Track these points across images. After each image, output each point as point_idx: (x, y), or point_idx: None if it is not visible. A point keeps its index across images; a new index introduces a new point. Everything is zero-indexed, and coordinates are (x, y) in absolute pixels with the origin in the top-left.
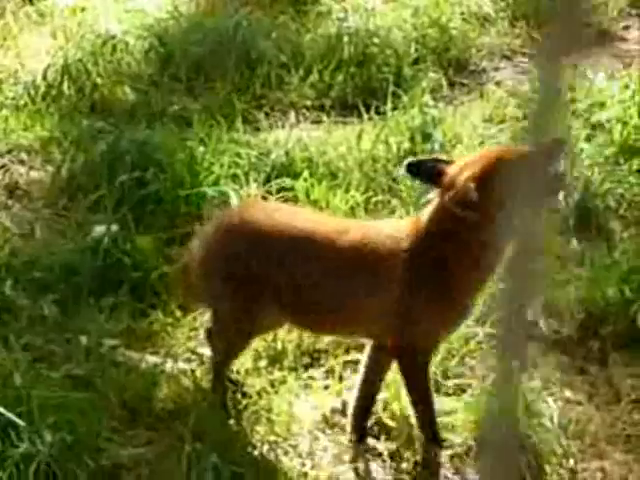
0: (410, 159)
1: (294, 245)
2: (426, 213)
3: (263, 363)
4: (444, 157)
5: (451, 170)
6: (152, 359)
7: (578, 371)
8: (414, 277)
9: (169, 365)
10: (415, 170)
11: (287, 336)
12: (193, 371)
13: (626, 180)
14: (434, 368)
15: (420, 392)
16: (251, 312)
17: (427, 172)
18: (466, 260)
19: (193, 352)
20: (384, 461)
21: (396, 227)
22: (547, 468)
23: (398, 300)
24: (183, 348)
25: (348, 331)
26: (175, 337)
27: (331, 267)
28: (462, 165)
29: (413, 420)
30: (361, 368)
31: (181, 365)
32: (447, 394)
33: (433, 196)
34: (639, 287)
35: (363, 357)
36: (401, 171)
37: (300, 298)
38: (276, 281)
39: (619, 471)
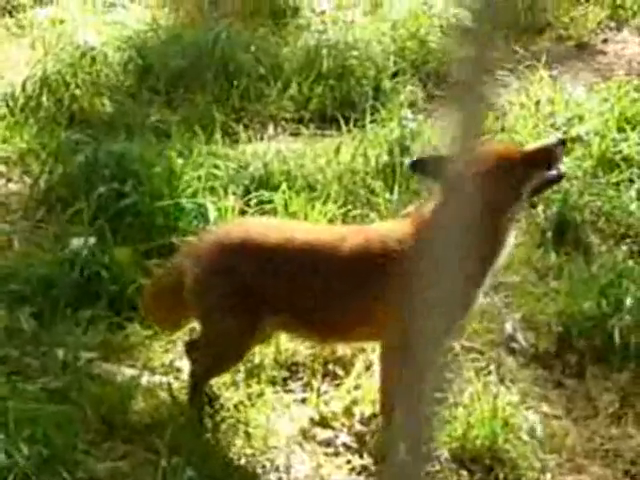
0: (415, 157)
1: (296, 257)
2: (428, 210)
3: (240, 376)
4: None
5: (457, 166)
6: (129, 372)
7: (555, 385)
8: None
9: (146, 378)
10: (421, 168)
11: (265, 349)
12: (170, 384)
13: (604, 193)
14: None
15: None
16: (252, 326)
17: (433, 169)
18: (467, 256)
19: (170, 365)
20: (361, 475)
21: (394, 228)
22: None
23: (401, 300)
24: (160, 361)
25: (354, 336)
26: (152, 350)
27: (334, 274)
28: (469, 160)
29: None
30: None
31: (158, 378)
32: None
33: (410, 210)
34: (616, 301)
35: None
36: (408, 168)
37: (304, 308)
38: (280, 294)
39: None
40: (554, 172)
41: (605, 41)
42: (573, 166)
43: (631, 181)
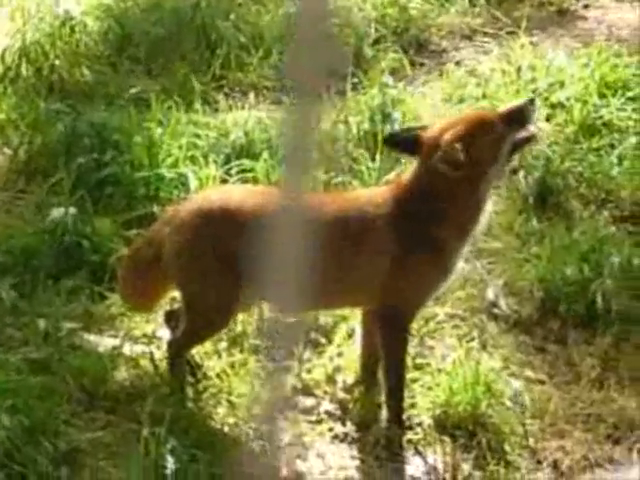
0: (386, 133)
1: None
2: (407, 177)
3: (223, 345)
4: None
5: (431, 134)
6: (110, 342)
7: (538, 350)
8: (398, 240)
9: (127, 348)
10: (393, 142)
11: (247, 318)
12: (152, 354)
13: (586, 159)
14: None
15: (397, 363)
16: (233, 293)
17: (405, 142)
18: (449, 219)
19: (152, 335)
20: (343, 442)
21: (375, 194)
22: (507, 447)
23: (384, 265)
24: (142, 331)
25: (338, 303)
26: (134, 320)
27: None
28: (443, 127)
29: (375, 402)
30: (358, 339)
31: (140, 348)
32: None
33: (392, 176)
34: (598, 266)
35: (357, 329)
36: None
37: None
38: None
39: (579, 450)
40: (528, 130)
41: (586, 7)
42: (554, 132)
43: (612, 146)
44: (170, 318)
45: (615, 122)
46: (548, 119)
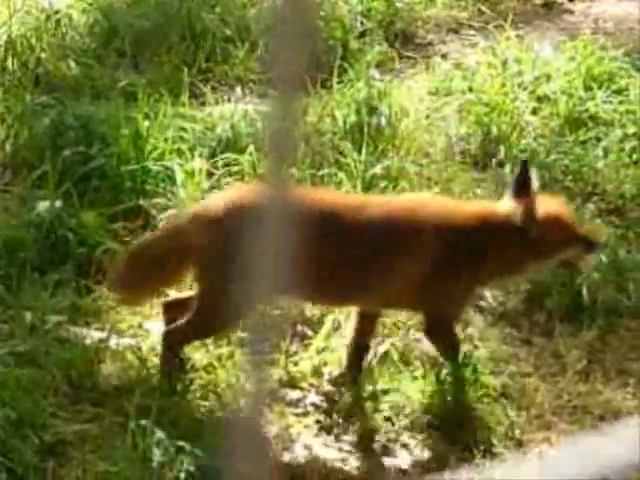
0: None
1: (329, 221)
2: (501, 209)
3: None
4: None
5: (532, 198)
6: (97, 335)
7: (524, 343)
8: (455, 256)
9: (114, 341)
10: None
11: None
12: (138, 347)
13: (572, 152)
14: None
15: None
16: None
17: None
18: (502, 265)
19: (138, 327)
20: (330, 434)
21: (466, 209)
22: (493, 439)
23: (432, 275)
24: (128, 324)
25: (374, 303)
26: (120, 313)
27: (354, 244)
28: (543, 201)
29: (360, 394)
30: (350, 334)
31: (126, 341)
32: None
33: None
34: None
35: (350, 324)
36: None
37: (331, 274)
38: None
39: (565, 441)
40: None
41: (572, 0)
42: (540, 125)
43: (598, 139)
44: (169, 309)
45: (601, 115)
46: (534, 112)
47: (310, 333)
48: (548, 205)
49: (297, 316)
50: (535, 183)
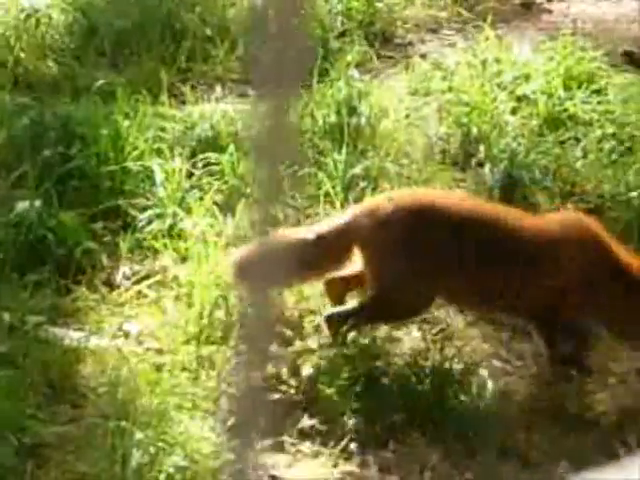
0: None
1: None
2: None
3: (191, 338)
4: None
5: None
6: (77, 335)
7: (505, 342)
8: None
9: (94, 342)
10: None
11: (215, 309)
12: (118, 347)
13: (551, 152)
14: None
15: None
16: (432, 292)
17: None
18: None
19: (119, 328)
20: (310, 435)
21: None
22: (474, 439)
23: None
24: (108, 324)
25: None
26: (100, 313)
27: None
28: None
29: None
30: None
31: (106, 341)
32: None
33: None
34: None
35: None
36: None
37: (478, 278)
38: (463, 265)
39: (546, 442)
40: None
41: (550, 0)
42: (520, 125)
43: (577, 139)
44: (332, 287)
45: (580, 115)
46: (514, 112)
47: (290, 333)
48: None
49: (277, 317)
50: None
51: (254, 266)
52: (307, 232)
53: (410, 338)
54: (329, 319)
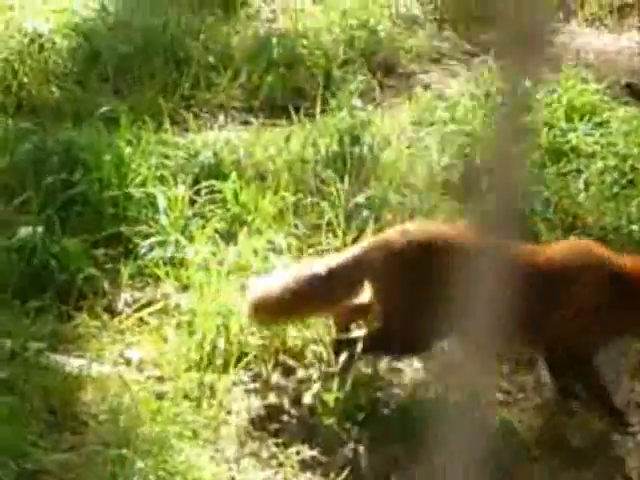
0: None
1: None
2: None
3: (192, 366)
4: None
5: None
6: (78, 362)
7: (507, 374)
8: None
9: (95, 368)
10: None
11: (216, 338)
12: (120, 375)
13: (553, 183)
14: None
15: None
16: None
17: None
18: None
19: (120, 355)
20: (311, 466)
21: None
22: None
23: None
24: (109, 351)
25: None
26: (101, 340)
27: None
28: None
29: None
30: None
31: (107, 368)
32: None
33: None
34: None
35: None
36: None
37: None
38: None
39: (547, 474)
40: None
41: (553, 32)
42: (522, 156)
43: (579, 171)
44: (340, 316)
45: (582, 147)
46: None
47: (292, 363)
48: None
49: (279, 346)
50: None
51: (270, 302)
52: (320, 265)
53: (411, 369)
54: (336, 346)
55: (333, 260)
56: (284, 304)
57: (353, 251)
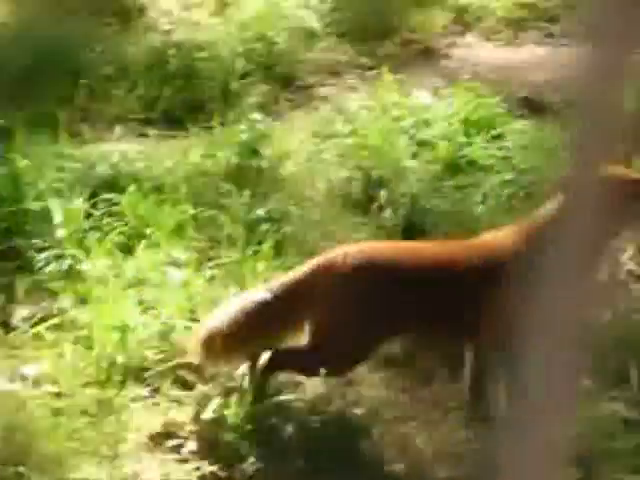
0: None
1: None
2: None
3: (90, 381)
4: None
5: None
6: None
7: (405, 389)
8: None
9: None
10: None
11: (115, 353)
12: (15, 391)
13: (452, 196)
14: None
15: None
16: (377, 344)
17: None
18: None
19: (15, 372)
20: None
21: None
22: None
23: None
24: (5, 367)
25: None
26: None
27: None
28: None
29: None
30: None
31: (2, 385)
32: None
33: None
34: None
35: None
36: None
37: (430, 316)
38: (410, 307)
39: None
40: None
41: (450, 45)
42: (420, 169)
43: (477, 185)
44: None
45: (479, 161)
46: (414, 157)
47: (191, 379)
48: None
49: (179, 361)
50: None
51: (220, 339)
52: (265, 292)
53: (312, 384)
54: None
55: (278, 285)
56: (236, 338)
57: (298, 274)
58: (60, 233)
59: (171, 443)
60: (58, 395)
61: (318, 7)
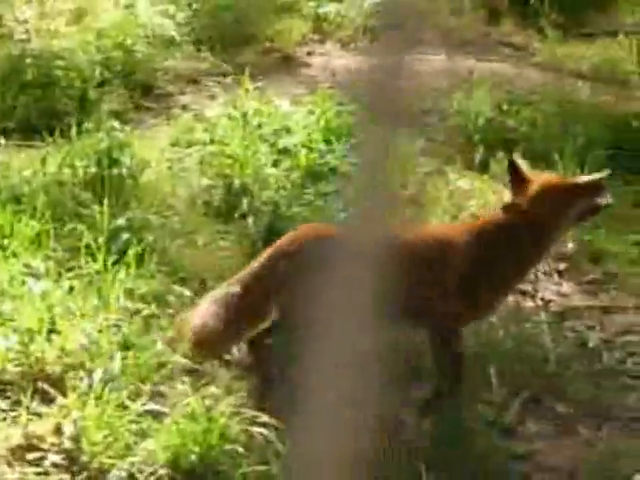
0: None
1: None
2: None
3: None
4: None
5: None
6: None
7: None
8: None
9: None
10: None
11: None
12: None
13: (313, 204)
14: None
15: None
16: None
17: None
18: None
19: None
20: None
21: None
22: None
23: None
24: None
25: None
26: None
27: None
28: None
29: (107, 455)
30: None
31: None
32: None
33: None
34: None
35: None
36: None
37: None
38: None
39: None
40: (598, 201)
41: (310, 54)
42: (281, 177)
43: (338, 192)
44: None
45: (340, 167)
46: (275, 164)
47: (51, 391)
48: (537, 180)
49: (37, 373)
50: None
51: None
52: (233, 285)
53: (178, 392)
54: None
55: (246, 276)
56: (225, 330)
57: (260, 263)
58: None
59: (32, 456)
60: None
61: (177, 15)
